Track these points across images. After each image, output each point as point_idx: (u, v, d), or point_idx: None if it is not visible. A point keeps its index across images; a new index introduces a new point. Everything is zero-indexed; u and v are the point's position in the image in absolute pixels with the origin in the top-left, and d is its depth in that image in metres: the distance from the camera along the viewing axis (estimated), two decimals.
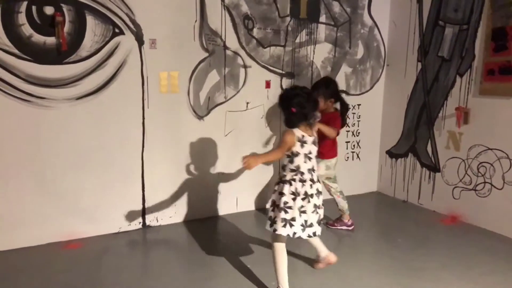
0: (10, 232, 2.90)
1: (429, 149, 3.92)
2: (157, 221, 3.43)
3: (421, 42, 3.92)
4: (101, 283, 2.50)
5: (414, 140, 4.07)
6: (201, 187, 3.58)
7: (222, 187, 3.65)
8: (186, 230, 3.36)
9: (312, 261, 2.76)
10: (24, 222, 2.93)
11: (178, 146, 3.41)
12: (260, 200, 3.86)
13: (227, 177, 3.66)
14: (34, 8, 2.77)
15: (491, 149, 3.36)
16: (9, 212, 2.88)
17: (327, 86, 3.19)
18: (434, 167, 3.88)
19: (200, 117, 3.47)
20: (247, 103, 3.66)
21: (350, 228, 3.38)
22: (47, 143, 2.93)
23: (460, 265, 2.76)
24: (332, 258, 2.61)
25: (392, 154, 4.35)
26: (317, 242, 2.61)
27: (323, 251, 2.62)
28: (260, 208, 3.85)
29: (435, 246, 3.11)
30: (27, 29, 2.77)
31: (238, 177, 3.69)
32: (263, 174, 3.83)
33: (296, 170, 2.29)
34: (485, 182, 3.43)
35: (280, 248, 2.34)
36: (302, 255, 2.93)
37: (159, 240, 3.19)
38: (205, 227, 3.44)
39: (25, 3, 2.74)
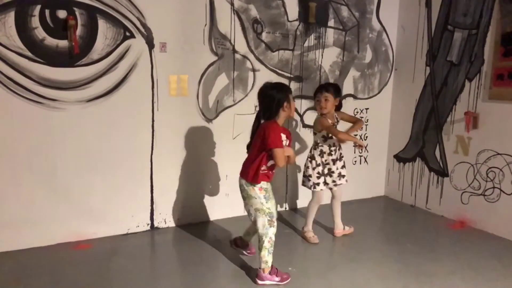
0: (21, 232, 2.93)
1: (437, 153, 3.90)
2: (165, 223, 3.45)
3: (430, 47, 3.92)
4: (110, 283, 2.51)
5: (422, 145, 4.06)
6: (209, 189, 3.60)
7: (230, 189, 3.66)
8: (194, 232, 3.37)
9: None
10: (34, 222, 2.96)
11: (187, 148, 3.44)
12: None
13: (235, 179, 3.66)
14: (47, 11, 2.81)
15: (501, 154, 3.34)
16: (20, 212, 2.92)
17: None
18: (442, 172, 3.87)
19: (209, 120, 3.49)
20: (256, 106, 3.66)
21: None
22: (58, 145, 2.97)
23: (470, 271, 2.74)
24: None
25: (400, 158, 4.34)
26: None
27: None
28: None
29: (444, 251, 3.09)
30: (40, 32, 2.81)
31: None
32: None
33: None
34: (494, 187, 3.41)
35: None
36: (311, 256, 2.94)
37: (167, 241, 3.20)
38: (213, 229, 3.46)
39: (38, 7, 2.78)
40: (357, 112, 4.19)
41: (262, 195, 2.54)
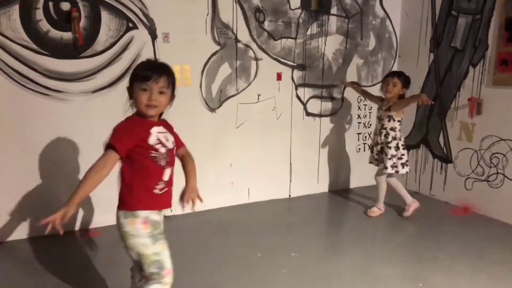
0: (32, 221, 3.01)
1: (441, 140, 3.90)
2: (171, 211, 3.50)
3: (434, 33, 3.89)
4: (118, 269, 2.58)
5: (426, 131, 4.06)
6: (213, 178, 3.65)
7: (234, 177, 3.71)
8: (199, 220, 3.43)
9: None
10: (43, 211, 3.02)
11: (191, 138, 3.44)
12: (272, 191, 3.90)
13: (239, 168, 3.71)
14: (51, 4, 2.84)
15: (504, 140, 3.34)
16: (29, 201, 2.99)
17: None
18: (446, 158, 3.87)
19: (212, 109, 3.52)
20: (259, 95, 3.70)
21: None
22: (65, 136, 3.02)
23: (471, 256, 2.77)
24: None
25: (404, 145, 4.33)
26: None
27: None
28: (271, 199, 3.90)
29: (447, 237, 3.12)
30: (44, 25, 2.85)
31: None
32: (275, 165, 3.88)
33: None
34: (497, 173, 3.41)
35: None
36: (314, 242, 2.98)
37: (173, 229, 3.23)
38: (217, 217, 3.51)
39: (42, 0, 2.82)
40: (361, 99, 4.19)
41: (146, 232, 1.71)
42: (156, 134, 1.72)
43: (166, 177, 1.78)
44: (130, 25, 3.11)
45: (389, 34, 4.23)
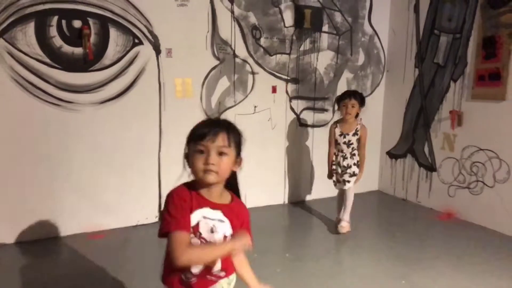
0: (41, 223, 3.19)
1: (426, 150, 4.15)
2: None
3: (418, 50, 4.17)
4: (121, 270, 2.76)
5: (412, 142, 4.31)
6: None
7: None
8: None
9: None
10: (53, 214, 3.22)
11: None
12: (268, 197, 4.11)
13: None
14: (63, 22, 3.08)
15: (483, 150, 3.59)
16: (40, 205, 3.17)
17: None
18: (430, 167, 4.12)
19: None
20: (255, 106, 3.94)
21: None
22: (74, 143, 3.23)
23: (452, 256, 2.98)
24: None
25: (392, 154, 4.58)
26: None
27: None
28: (267, 205, 4.10)
29: (431, 240, 3.34)
30: (57, 41, 3.08)
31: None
32: (271, 172, 4.09)
33: None
34: (477, 181, 3.66)
35: None
36: (306, 244, 3.18)
37: None
38: None
39: (56, 18, 3.05)
40: None
41: None
42: (199, 216, 1.38)
43: (195, 269, 1.42)
44: (136, 41, 3.34)
45: (377, 50, 4.51)
